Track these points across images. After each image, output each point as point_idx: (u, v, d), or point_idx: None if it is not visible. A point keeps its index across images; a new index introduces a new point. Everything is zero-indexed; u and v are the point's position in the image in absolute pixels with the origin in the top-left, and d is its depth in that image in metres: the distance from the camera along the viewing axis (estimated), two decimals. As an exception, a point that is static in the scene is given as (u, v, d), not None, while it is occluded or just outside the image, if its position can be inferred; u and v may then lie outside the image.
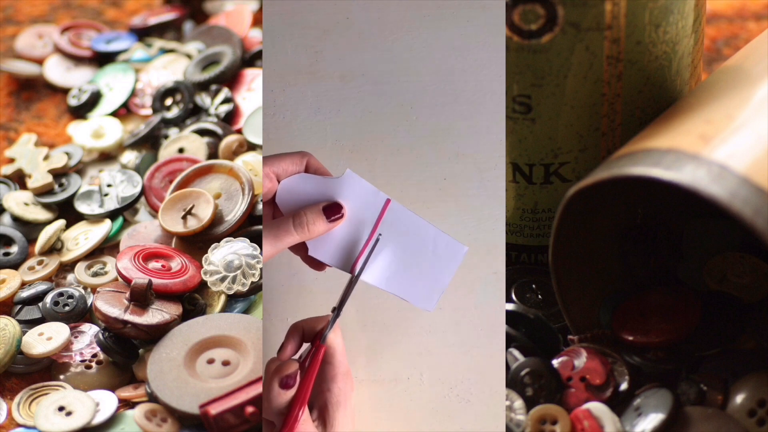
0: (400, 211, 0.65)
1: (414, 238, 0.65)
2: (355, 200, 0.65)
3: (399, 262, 0.65)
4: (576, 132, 0.73)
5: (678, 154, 0.64)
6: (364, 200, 0.65)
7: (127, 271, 0.79)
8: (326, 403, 0.65)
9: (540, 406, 0.69)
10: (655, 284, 0.75)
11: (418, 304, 0.65)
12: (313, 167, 0.66)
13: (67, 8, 1.07)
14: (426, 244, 0.65)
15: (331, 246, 0.65)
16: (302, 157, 0.66)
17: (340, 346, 0.66)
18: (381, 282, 0.65)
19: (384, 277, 0.65)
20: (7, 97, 0.98)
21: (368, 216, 0.65)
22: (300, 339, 0.66)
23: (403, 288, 0.65)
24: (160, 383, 0.73)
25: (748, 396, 0.69)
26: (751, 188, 0.62)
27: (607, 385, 0.70)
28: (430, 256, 0.65)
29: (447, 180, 0.76)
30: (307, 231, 0.64)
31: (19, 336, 0.76)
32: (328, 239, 0.65)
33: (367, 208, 0.65)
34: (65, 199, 0.87)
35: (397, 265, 0.65)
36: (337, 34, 0.78)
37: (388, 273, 0.65)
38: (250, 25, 0.99)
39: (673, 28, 0.72)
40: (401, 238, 0.65)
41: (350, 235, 0.65)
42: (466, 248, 0.65)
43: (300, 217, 0.64)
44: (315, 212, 0.64)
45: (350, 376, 0.66)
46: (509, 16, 0.70)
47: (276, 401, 0.63)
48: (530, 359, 0.70)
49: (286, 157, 0.65)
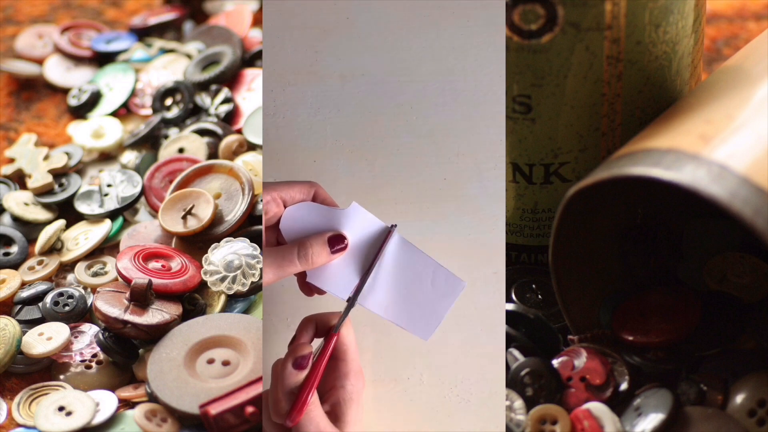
0: (402, 243, 0.66)
1: (414, 270, 0.66)
2: (358, 232, 0.66)
3: (399, 291, 0.66)
4: (576, 132, 0.73)
5: (678, 154, 0.64)
6: (367, 232, 0.66)
7: (127, 271, 0.79)
8: (339, 399, 0.65)
9: (540, 406, 0.69)
10: (655, 284, 0.75)
11: (416, 333, 0.66)
12: (321, 197, 0.66)
13: (67, 8, 1.07)
14: (426, 276, 0.66)
15: (330, 274, 0.66)
16: (310, 187, 0.66)
17: (353, 344, 0.66)
18: (381, 310, 0.66)
19: (384, 305, 0.66)
20: (7, 97, 0.98)
21: (370, 247, 0.66)
22: (313, 332, 0.66)
23: (402, 317, 0.66)
24: (160, 383, 0.73)
25: (748, 396, 0.69)
26: (751, 188, 0.62)
27: (607, 385, 0.70)
28: (429, 288, 0.66)
29: (447, 180, 0.76)
30: (310, 262, 0.65)
31: (19, 336, 0.76)
32: (328, 267, 0.66)
33: (369, 240, 0.66)
34: (65, 199, 0.87)
35: (396, 295, 0.66)
36: (337, 34, 0.78)
37: (387, 301, 0.66)
38: (250, 25, 0.99)
39: (673, 28, 0.72)
40: (402, 269, 0.66)
41: (350, 265, 0.66)
42: (464, 283, 0.66)
43: (305, 248, 0.65)
44: (320, 243, 0.65)
45: (362, 374, 0.66)
46: (509, 16, 0.70)
47: (288, 380, 0.64)
48: (530, 359, 0.70)
49: (294, 185, 0.66)
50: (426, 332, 0.66)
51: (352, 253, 0.66)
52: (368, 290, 0.66)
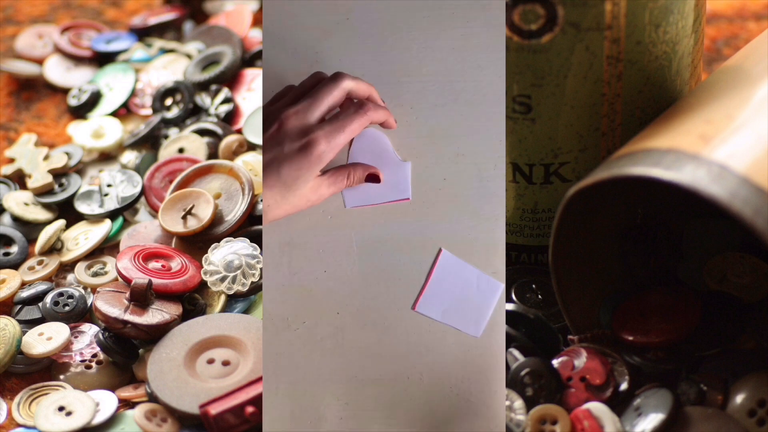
0: (449, 257, 0.75)
1: (461, 279, 0.75)
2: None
3: (452, 298, 0.75)
4: (576, 132, 0.73)
5: (678, 154, 0.64)
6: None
7: (127, 271, 0.79)
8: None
9: (540, 406, 0.69)
10: (655, 284, 0.75)
11: (469, 331, 0.75)
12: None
13: (67, 8, 1.07)
14: (471, 283, 0.75)
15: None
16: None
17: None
18: (438, 316, 0.75)
19: (440, 312, 0.75)
20: (7, 97, 0.98)
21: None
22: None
23: (456, 319, 0.75)
24: (160, 383, 0.73)
25: (748, 396, 0.69)
26: (751, 188, 0.62)
27: (607, 385, 0.70)
28: (475, 292, 0.75)
29: (447, 180, 0.76)
30: (353, 181, 0.74)
31: (19, 336, 0.76)
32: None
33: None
34: (65, 199, 0.87)
35: (450, 302, 0.75)
36: (337, 34, 0.78)
37: (443, 308, 0.75)
38: (250, 25, 0.99)
39: (673, 28, 0.72)
40: (451, 280, 0.75)
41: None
42: (502, 285, 0.75)
43: (353, 175, 0.74)
44: (361, 177, 0.74)
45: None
46: (509, 16, 0.70)
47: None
48: (530, 359, 0.70)
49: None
50: (477, 329, 0.75)
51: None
52: (426, 300, 0.75)
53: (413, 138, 0.77)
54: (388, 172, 0.76)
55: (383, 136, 0.76)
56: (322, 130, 0.70)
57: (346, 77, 0.72)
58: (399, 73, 0.77)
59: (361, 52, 0.78)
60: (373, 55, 0.78)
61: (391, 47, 0.78)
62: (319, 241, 0.76)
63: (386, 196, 0.76)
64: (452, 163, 0.76)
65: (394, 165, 0.76)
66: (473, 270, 0.75)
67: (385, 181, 0.76)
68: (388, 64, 0.77)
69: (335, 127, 0.70)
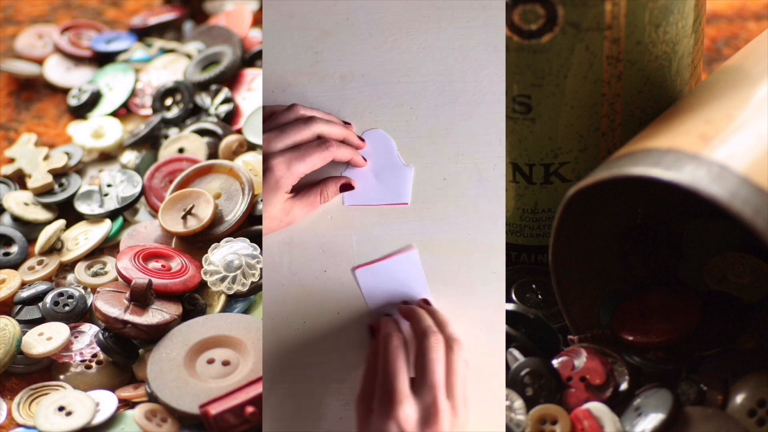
0: (413, 257, 0.75)
1: (404, 280, 0.75)
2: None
3: (388, 286, 0.75)
4: (576, 132, 0.73)
5: (678, 154, 0.64)
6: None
7: (127, 271, 0.79)
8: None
9: (540, 406, 0.69)
10: (655, 284, 0.75)
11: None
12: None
13: (67, 8, 1.07)
14: (406, 288, 0.75)
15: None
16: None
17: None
18: (366, 290, 0.75)
19: (371, 288, 0.75)
20: (7, 97, 0.98)
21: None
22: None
23: (376, 300, 0.75)
24: (160, 383, 0.73)
25: (748, 396, 0.69)
26: (751, 188, 0.62)
27: (607, 385, 0.70)
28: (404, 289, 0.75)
29: (447, 180, 0.76)
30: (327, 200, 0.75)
31: (19, 336, 0.76)
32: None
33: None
34: (65, 199, 0.87)
35: (386, 284, 0.75)
36: (337, 35, 0.78)
37: (376, 287, 0.75)
38: (250, 25, 0.99)
39: (673, 28, 0.72)
40: (396, 274, 0.75)
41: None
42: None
43: (325, 192, 0.75)
44: (335, 190, 0.75)
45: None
46: (509, 16, 0.70)
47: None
48: (530, 359, 0.70)
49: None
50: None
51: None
52: (368, 271, 0.75)
53: (413, 138, 0.77)
54: (391, 175, 0.76)
55: (390, 139, 0.76)
56: (282, 156, 0.71)
57: (319, 122, 0.73)
58: (399, 73, 0.77)
59: (361, 52, 0.78)
60: (373, 55, 0.78)
61: (391, 47, 0.78)
62: (319, 241, 0.76)
63: (385, 198, 0.76)
64: (452, 163, 0.76)
65: (398, 168, 0.76)
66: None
67: (387, 184, 0.76)
68: (388, 64, 0.77)
69: (296, 155, 0.72)
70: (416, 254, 0.75)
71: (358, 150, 0.75)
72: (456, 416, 0.64)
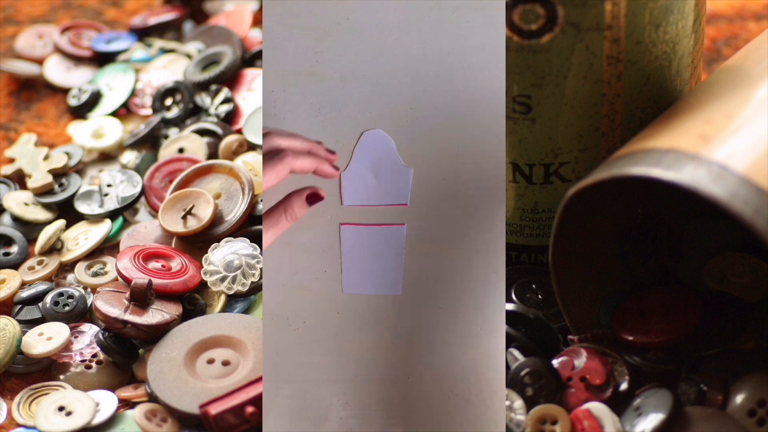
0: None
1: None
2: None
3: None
4: (576, 132, 0.73)
5: (678, 154, 0.64)
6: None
7: (127, 271, 0.79)
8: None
9: (540, 406, 0.69)
10: (655, 284, 0.75)
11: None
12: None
13: (67, 8, 1.07)
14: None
15: None
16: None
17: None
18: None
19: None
20: (7, 97, 0.98)
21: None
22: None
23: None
24: (160, 383, 0.73)
25: (748, 396, 0.69)
26: (751, 188, 0.62)
27: (607, 385, 0.70)
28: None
29: (447, 180, 0.76)
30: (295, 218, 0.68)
31: (19, 336, 0.76)
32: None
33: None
34: (65, 199, 0.87)
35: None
36: (337, 35, 0.78)
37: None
38: (250, 25, 0.99)
39: (673, 28, 0.73)
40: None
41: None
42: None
43: (290, 209, 0.67)
44: (301, 203, 0.68)
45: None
46: (509, 16, 0.70)
47: None
48: (530, 359, 0.70)
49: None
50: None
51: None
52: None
53: (413, 138, 0.77)
54: (390, 176, 0.76)
55: (390, 139, 0.76)
56: None
57: (288, 156, 0.67)
58: (399, 73, 0.77)
59: (361, 52, 0.78)
60: (373, 55, 0.78)
61: (391, 47, 0.78)
62: (319, 241, 0.76)
63: (385, 199, 0.76)
64: (452, 163, 0.76)
65: (397, 169, 0.76)
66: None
67: (386, 185, 0.76)
68: (388, 64, 0.77)
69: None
70: (404, 231, 0.75)
71: (329, 161, 0.69)
72: None
